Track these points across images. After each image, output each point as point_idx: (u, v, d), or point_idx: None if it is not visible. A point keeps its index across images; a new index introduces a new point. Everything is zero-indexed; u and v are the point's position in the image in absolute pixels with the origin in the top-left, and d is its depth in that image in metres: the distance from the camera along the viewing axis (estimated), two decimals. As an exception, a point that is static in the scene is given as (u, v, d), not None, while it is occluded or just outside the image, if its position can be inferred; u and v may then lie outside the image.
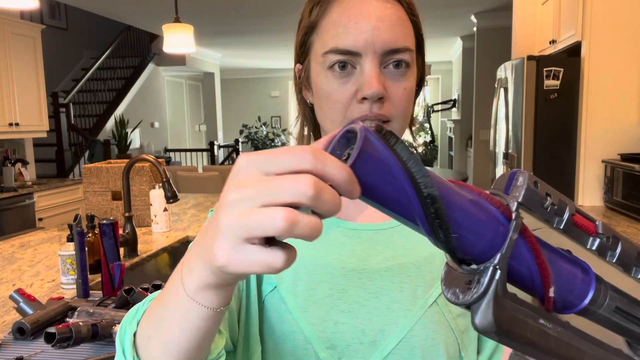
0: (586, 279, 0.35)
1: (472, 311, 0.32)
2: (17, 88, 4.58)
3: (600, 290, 0.35)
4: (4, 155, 4.61)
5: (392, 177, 0.31)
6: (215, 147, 8.88)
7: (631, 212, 2.51)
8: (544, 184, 0.33)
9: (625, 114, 2.81)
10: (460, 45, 7.51)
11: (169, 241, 2.14)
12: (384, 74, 0.60)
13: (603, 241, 0.34)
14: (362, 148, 0.30)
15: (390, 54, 0.60)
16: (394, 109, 0.61)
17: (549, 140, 2.99)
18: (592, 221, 0.35)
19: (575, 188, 2.96)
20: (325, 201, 0.29)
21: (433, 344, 0.61)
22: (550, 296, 0.34)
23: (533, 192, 0.32)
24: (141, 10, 5.94)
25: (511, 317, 0.32)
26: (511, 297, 0.32)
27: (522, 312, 0.33)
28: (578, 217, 0.34)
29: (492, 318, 0.31)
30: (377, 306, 0.63)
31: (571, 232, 0.34)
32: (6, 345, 1.18)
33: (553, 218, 0.33)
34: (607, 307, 0.35)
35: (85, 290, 1.41)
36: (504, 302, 0.32)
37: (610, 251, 0.35)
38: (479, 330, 0.32)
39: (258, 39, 7.96)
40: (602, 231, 0.34)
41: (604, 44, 2.78)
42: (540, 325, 0.33)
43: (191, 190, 5.49)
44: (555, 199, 0.33)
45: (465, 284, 0.33)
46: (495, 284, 0.31)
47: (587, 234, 0.34)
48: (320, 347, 0.61)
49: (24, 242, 2.25)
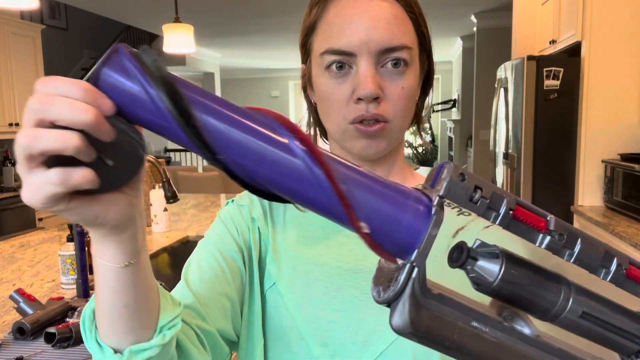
0: (418, 210, 0.32)
1: (390, 310, 0.30)
2: (17, 88, 4.58)
3: (561, 292, 0.32)
4: (4, 155, 4.61)
5: (144, 94, 0.31)
6: (215, 147, 8.87)
7: (631, 212, 2.50)
8: (476, 176, 0.31)
9: (625, 114, 2.81)
10: (460, 45, 7.51)
11: (169, 241, 2.14)
12: (381, 74, 0.60)
13: (555, 239, 0.31)
14: (106, 61, 0.31)
15: (387, 53, 0.59)
16: (392, 109, 0.60)
17: (549, 140, 2.99)
18: (543, 217, 0.31)
19: (575, 188, 2.96)
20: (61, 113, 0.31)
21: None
22: (365, 232, 0.31)
23: (457, 184, 0.30)
24: (141, 10, 5.94)
25: (433, 318, 0.30)
26: (435, 296, 0.31)
27: (448, 313, 0.31)
28: (521, 211, 0.31)
29: (408, 318, 0.30)
30: (370, 307, 0.63)
31: (514, 229, 0.31)
32: (6, 345, 1.18)
33: (488, 213, 0.31)
34: (571, 312, 0.32)
35: (85, 290, 1.41)
36: (424, 302, 0.30)
37: (568, 250, 0.32)
38: (395, 330, 0.30)
39: (258, 39, 7.96)
40: (554, 228, 0.31)
41: (604, 44, 2.78)
42: (473, 328, 0.31)
43: (191, 190, 5.49)
44: (488, 193, 0.30)
45: (387, 282, 0.31)
46: (412, 282, 0.30)
47: (536, 231, 0.31)
48: (314, 344, 0.62)
49: (24, 242, 2.25)
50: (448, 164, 0.31)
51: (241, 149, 0.32)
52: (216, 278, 0.62)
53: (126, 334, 0.47)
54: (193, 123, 0.31)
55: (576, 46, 2.95)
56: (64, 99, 0.31)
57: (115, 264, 0.42)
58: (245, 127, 0.32)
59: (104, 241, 0.41)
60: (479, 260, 0.31)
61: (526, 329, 0.33)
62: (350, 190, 0.31)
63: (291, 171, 0.32)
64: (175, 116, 0.31)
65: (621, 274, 0.32)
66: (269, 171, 0.32)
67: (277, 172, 0.32)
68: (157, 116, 0.31)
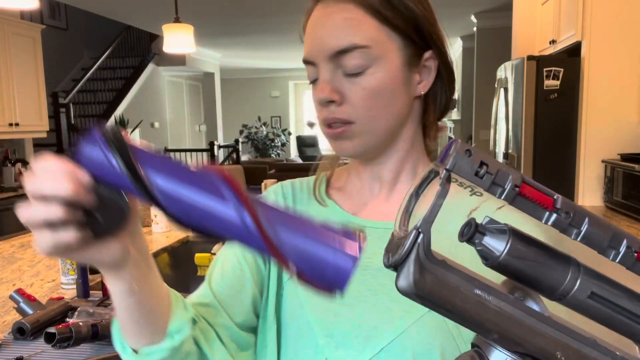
0: (343, 250, 0.38)
1: (397, 273, 0.33)
2: (17, 88, 4.58)
3: (569, 271, 0.33)
4: (4, 155, 4.61)
5: (107, 162, 0.39)
6: (215, 147, 8.87)
7: (631, 212, 2.50)
8: (483, 154, 0.32)
9: (625, 114, 2.81)
10: (460, 45, 7.51)
11: (169, 241, 2.14)
12: (341, 76, 0.62)
13: (561, 217, 0.32)
14: (85, 139, 0.40)
15: (339, 56, 0.61)
16: (352, 110, 0.62)
17: (549, 140, 2.99)
18: (550, 195, 0.33)
19: (575, 188, 2.96)
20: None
21: (428, 348, 0.62)
22: (295, 272, 0.37)
23: (462, 159, 0.32)
24: (141, 10, 5.95)
25: (437, 282, 0.32)
26: (440, 262, 0.33)
27: (451, 278, 0.32)
28: (528, 189, 0.32)
29: (412, 280, 0.32)
30: (375, 303, 0.64)
31: (520, 205, 0.32)
32: (6, 345, 1.18)
33: (493, 188, 0.32)
34: (579, 291, 0.33)
35: (85, 290, 1.41)
36: (428, 266, 0.32)
37: (575, 229, 0.32)
38: (399, 291, 0.33)
39: (258, 39, 7.97)
40: (561, 206, 0.32)
41: (604, 44, 2.78)
42: (476, 295, 0.32)
43: (191, 190, 5.48)
44: (494, 169, 0.32)
45: (395, 248, 0.34)
46: (417, 247, 0.32)
47: (542, 208, 0.32)
48: (320, 334, 0.65)
49: (24, 242, 2.25)
50: (456, 142, 0.32)
51: (183, 204, 0.39)
52: (235, 275, 0.68)
53: (139, 338, 0.55)
54: (143, 183, 0.38)
55: (576, 46, 2.95)
56: (49, 177, 0.39)
57: (120, 290, 0.50)
58: (188, 186, 0.39)
59: (107, 274, 0.49)
60: (486, 235, 0.33)
61: (535, 307, 0.34)
62: (279, 238, 0.38)
63: (227, 224, 0.38)
64: (130, 179, 0.39)
65: (631, 255, 0.32)
66: (209, 224, 0.39)
67: (215, 225, 0.39)
68: (118, 178, 0.39)
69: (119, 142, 0.39)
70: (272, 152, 11.72)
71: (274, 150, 11.76)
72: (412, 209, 0.35)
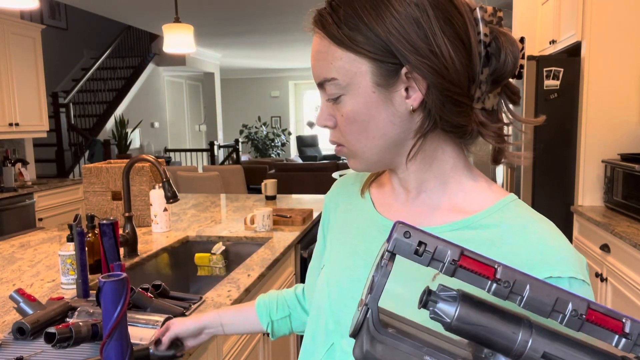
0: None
1: (354, 342, 0.38)
2: (17, 88, 4.58)
3: (519, 332, 0.35)
4: (4, 155, 4.61)
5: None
6: (215, 147, 8.87)
7: (631, 212, 2.50)
8: (421, 233, 0.36)
9: (625, 114, 2.81)
10: (460, 45, 7.49)
11: (169, 241, 2.14)
12: (332, 104, 0.65)
13: (501, 286, 0.35)
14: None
15: (321, 88, 0.65)
16: (340, 134, 0.66)
17: (549, 140, 2.99)
18: (491, 265, 0.35)
19: (575, 188, 2.96)
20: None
21: None
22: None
23: (402, 241, 0.36)
24: (141, 10, 5.95)
25: (387, 350, 0.36)
26: (389, 332, 0.37)
27: (401, 347, 0.37)
28: (467, 260, 0.35)
29: (363, 351, 0.36)
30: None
31: (461, 276, 0.36)
32: (6, 345, 1.18)
33: (434, 264, 0.36)
34: (532, 350, 0.35)
35: (85, 290, 1.41)
36: (378, 337, 0.37)
37: (517, 296, 0.35)
38: (355, 359, 0.38)
39: (258, 39, 7.96)
40: (501, 276, 0.35)
41: (604, 44, 2.78)
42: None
43: (191, 190, 5.49)
44: (432, 247, 0.36)
45: (355, 319, 0.39)
46: (367, 321, 0.36)
47: (483, 278, 0.35)
48: (331, 320, 0.71)
49: (24, 242, 2.25)
50: (399, 224, 0.37)
51: None
52: (314, 264, 0.88)
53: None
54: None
55: (576, 46, 2.95)
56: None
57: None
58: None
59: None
60: (438, 303, 0.37)
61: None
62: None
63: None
64: None
65: (577, 319, 0.34)
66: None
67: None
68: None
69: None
70: (272, 152, 11.72)
71: (274, 150, 11.76)
72: (376, 282, 0.39)
